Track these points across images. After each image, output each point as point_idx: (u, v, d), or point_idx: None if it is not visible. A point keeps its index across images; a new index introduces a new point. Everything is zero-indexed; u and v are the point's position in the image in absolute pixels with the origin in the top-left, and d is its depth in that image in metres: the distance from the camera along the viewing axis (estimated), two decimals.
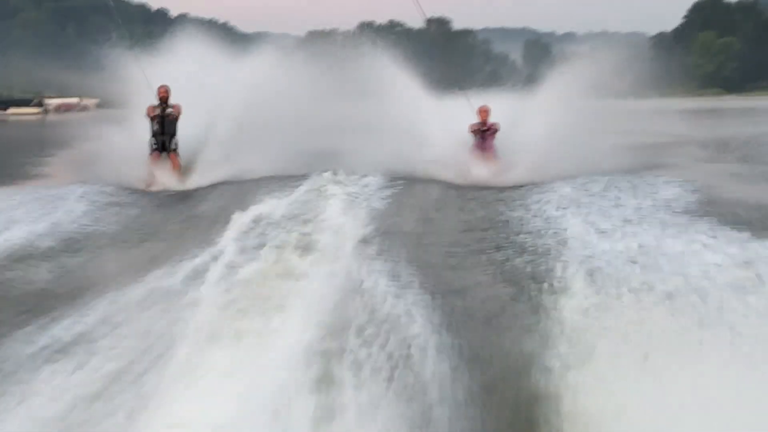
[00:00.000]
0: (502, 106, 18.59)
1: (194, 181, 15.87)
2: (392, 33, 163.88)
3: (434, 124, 18.54)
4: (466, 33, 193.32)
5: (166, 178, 15.63)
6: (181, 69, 18.84)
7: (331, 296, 6.95)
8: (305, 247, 8.86)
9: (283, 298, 7.09)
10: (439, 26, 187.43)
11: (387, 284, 7.40)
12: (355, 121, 19.32)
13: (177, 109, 16.36)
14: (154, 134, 16.31)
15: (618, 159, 17.26)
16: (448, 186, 15.74)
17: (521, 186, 15.02)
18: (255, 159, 16.39)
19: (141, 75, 17.50)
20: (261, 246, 8.87)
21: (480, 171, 16.29)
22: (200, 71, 19.49)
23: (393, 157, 16.73)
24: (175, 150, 16.34)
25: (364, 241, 9.31)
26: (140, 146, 16.59)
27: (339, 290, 7.15)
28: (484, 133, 17.22)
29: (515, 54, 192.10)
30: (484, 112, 17.39)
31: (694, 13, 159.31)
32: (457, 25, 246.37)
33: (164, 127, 16.24)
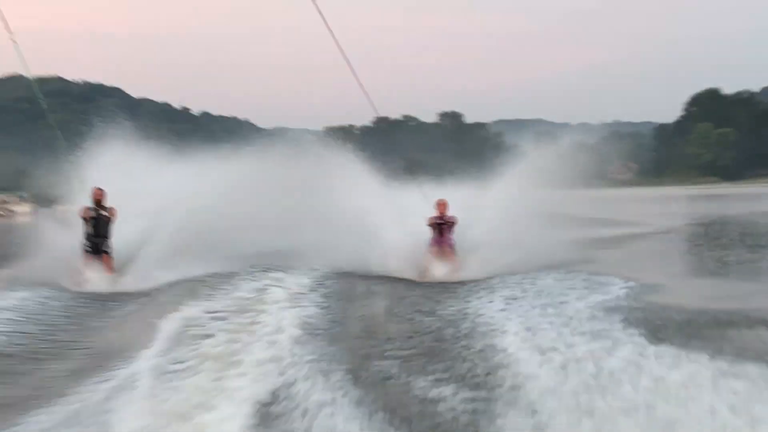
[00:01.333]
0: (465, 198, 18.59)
1: (127, 283, 15.22)
2: (406, 127, 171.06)
3: (392, 219, 17.94)
4: (479, 126, 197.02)
5: (97, 280, 15.16)
6: (124, 171, 18.71)
7: (261, 400, 6.84)
8: (237, 350, 8.57)
9: (214, 400, 6.89)
10: (452, 120, 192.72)
11: (320, 388, 7.24)
12: (310, 219, 18.64)
13: (112, 211, 16.08)
14: (87, 236, 15.92)
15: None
16: (397, 283, 15.33)
17: (474, 282, 14.60)
18: (195, 262, 15.84)
19: (76, 176, 17.48)
20: (193, 349, 8.53)
21: (436, 269, 16.04)
22: (144, 174, 19.37)
23: (345, 254, 16.42)
24: (108, 252, 15.92)
25: (299, 341, 9.07)
26: (74, 246, 16.13)
27: (270, 393, 7.03)
28: (441, 226, 16.92)
29: (527, 145, 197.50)
30: (441, 205, 17.07)
31: (692, 105, 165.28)
32: (472, 117, 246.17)
33: (98, 229, 15.92)
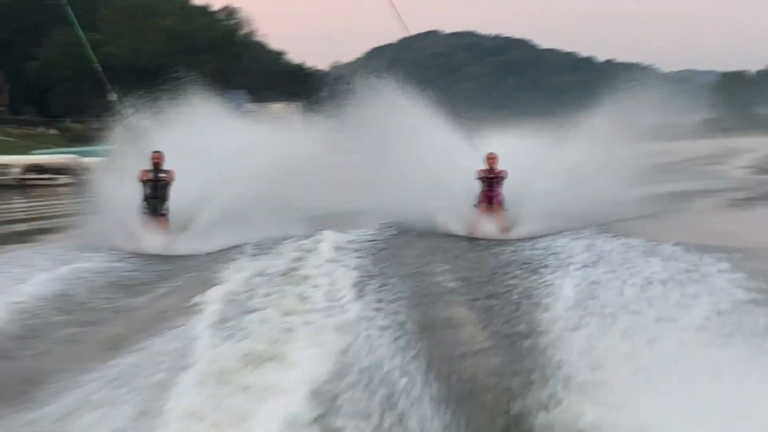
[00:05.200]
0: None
1: (184, 245, 15.07)
2: None
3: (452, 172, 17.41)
4: None
5: (154, 242, 15.07)
6: (188, 134, 18.75)
7: (323, 355, 7.00)
8: (296, 304, 9.05)
9: (276, 355, 7.06)
10: None
11: (380, 338, 7.51)
12: (376, 178, 18.54)
13: (170, 175, 15.83)
14: (146, 198, 15.80)
15: None
16: (449, 239, 15.32)
17: (525, 240, 14.59)
18: (254, 225, 15.74)
19: (142, 138, 17.30)
20: (250, 310, 8.71)
21: (484, 225, 15.78)
22: (209, 135, 19.28)
23: (403, 212, 16.49)
24: (165, 215, 15.83)
25: (356, 296, 9.36)
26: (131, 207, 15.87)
27: (330, 349, 7.18)
28: (491, 180, 16.48)
29: None
30: (491, 159, 16.52)
31: None
32: None
33: (156, 191, 15.79)
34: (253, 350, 7.17)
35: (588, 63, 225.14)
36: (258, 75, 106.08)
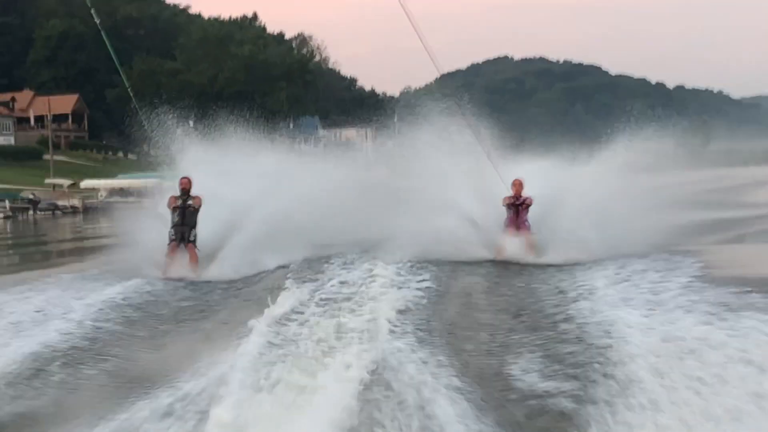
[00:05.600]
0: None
1: (213, 272, 15.11)
2: None
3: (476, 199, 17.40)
4: None
5: (183, 269, 15.11)
6: (224, 155, 19.04)
7: (359, 386, 6.94)
8: (334, 335, 8.84)
9: (312, 388, 7.11)
10: None
11: (420, 371, 7.40)
12: (403, 205, 17.97)
13: (198, 200, 15.81)
14: (174, 225, 15.74)
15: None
16: (481, 266, 15.24)
17: (553, 266, 14.57)
18: (281, 252, 15.69)
19: (170, 170, 17.56)
20: (289, 339, 8.68)
21: (511, 245, 15.73)
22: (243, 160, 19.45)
23: (429, 239, 15.84)
24: (193, 241, 15.76)
25: (395, 324, 9.24)
26: (161, 235, 15.86)
27: (369, 378, 7.12)
28: (518, 207, 16.35)
29: None
30: (518, 184, 16.38)
31: None
32: None
33: (184, 218, 15.72)
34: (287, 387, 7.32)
35: (659, 89, 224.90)
36: (331, 101, 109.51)
